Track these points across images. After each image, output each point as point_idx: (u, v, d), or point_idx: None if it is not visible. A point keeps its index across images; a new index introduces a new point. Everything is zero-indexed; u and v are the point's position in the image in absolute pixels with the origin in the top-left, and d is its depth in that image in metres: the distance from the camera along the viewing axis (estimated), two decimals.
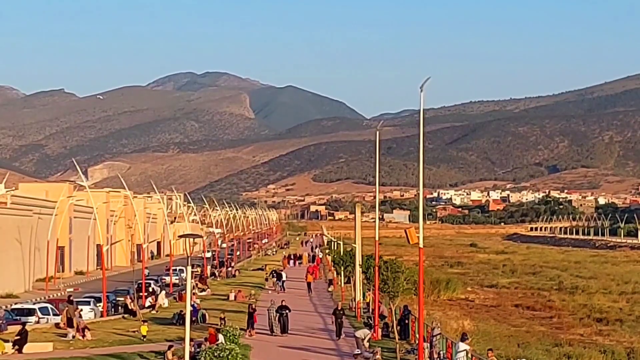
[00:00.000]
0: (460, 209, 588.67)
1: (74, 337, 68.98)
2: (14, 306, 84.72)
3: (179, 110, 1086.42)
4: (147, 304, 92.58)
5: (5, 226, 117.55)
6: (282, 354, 61.66)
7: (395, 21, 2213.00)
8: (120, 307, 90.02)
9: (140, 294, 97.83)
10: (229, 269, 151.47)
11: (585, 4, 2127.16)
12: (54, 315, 79.61)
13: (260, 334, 70.09)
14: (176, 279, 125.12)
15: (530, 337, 76.18)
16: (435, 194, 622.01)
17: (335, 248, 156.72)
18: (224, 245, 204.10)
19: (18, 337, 63.86)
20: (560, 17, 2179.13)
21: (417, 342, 58.19)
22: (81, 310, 77.59)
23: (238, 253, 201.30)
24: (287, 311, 71.01)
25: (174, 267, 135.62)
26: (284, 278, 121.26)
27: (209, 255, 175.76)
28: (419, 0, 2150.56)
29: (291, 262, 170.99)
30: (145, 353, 61.24)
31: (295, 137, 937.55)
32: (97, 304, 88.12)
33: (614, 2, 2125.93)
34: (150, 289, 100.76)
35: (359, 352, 45.10)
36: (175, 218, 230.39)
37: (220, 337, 59.76)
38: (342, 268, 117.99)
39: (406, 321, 69.42)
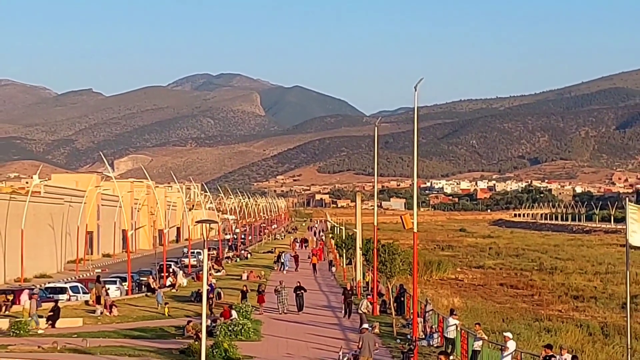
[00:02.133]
0: (450, 197, 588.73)
1: (101, 313, 69.08)
2: (47, 285, 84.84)
3: (196, 108, 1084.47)
4: (168, 283, 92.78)
5: (39, 213, 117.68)
6: (290, 328, 61.72)
7: (392, 26, 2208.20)
8: (143, 286, 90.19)
9: (162, 274, 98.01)
10: (242, 251, 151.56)
11: (564, 12, 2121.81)
12: (84, 293, 79.73)
13: (271, 311, 70.25)
14: (194, 261, 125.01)
15: (513, 313, 76.20)
16: (428, 184, 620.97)
17: (338, 233, 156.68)
18: (237, 230, 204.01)
19: (51, 313, 64.00)
20: (541, 23, 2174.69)
21: (411, 317, 58.33)
22: (108, 288, 77.76)
23: (250, 237, 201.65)
24: (303, 291, 71.19)
25: (192, 250, 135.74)
26: (285, 259, 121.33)
27: (228, 237, 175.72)
28: (415, 8, 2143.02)
29: (298, 245, 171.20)
30: (166, 327, 61.39)
31: (302, 133, 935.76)
32: (123, 283, 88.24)
33: (591, 10, 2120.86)
34: (171, 270, 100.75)
35: (367, 327, 44.88)
36: (193, 206, 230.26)
37: (234, 313, 59.89)
38: (344, 251, 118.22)
39: (402, 298, 69.58)
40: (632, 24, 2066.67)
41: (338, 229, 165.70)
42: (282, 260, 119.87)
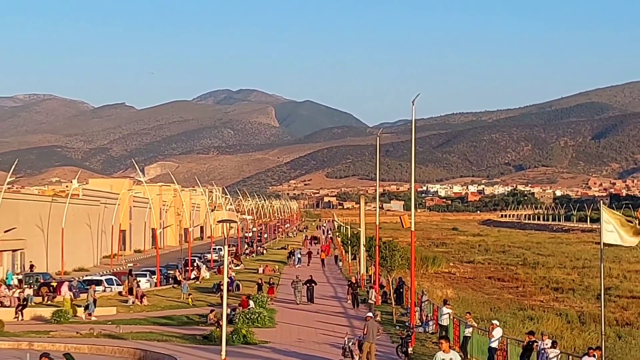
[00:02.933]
0: (444, 200, 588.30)
1: (133, 302, 69.25)
2: (84, 278, 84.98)
3: (217, 120, 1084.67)
4: (192, 276, 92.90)
5: (78, 213, 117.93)
6: (302, 316, 61.78)
7: (393, 48, 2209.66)
8: (170, 279, 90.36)
9: (187, 268, 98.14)
10: (258, 248, 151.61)
11: (545, 35, 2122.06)
12: (117, 285, 79.91)
13: (284, 301, 70.32)
14: (216, 256, 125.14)
15: (500, 302, 76.17)
16: (424, 188, 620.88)
17: (344, 231, 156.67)
18: (254, 229, 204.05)
19: (88, 303, 64.20)
20: (525, 45, 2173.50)
21: (409, 306, 58.34)
22: (139, 281, 78.07)
23: (265, 235, 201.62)
24: (314, 284, 71.34)
25: (213, 247, 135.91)
26: (296, 255, 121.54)
27: (249, 234, 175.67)
28: (413, 33, 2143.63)
29: (309, 242, 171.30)
30: (191, 315, 61.47)
31: (312, 142, 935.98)
32: (152, 276, 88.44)
33: (569, 33, 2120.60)
34: (195, 264, 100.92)
35: (371, 315, 45.01)
36: (214, 207, 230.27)
37: (252, 303, 59.94)
38: (349, 247, 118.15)
39: (401, 290, 69.54)
40: (606, 46, 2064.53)
41: (344, 228, 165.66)
42: (295, 256, 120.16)
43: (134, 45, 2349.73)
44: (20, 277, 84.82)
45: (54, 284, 74.45)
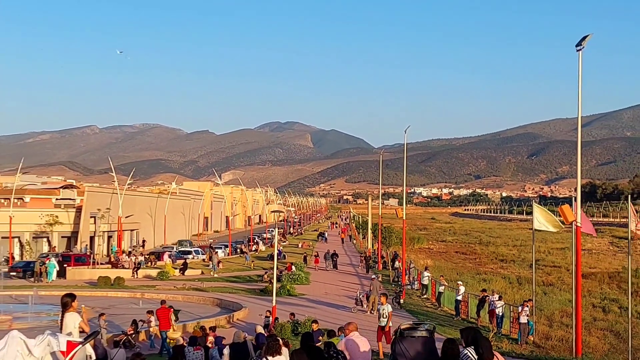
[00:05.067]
0: (426, 198, 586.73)
1: (214, 268, 69.54)
2: (180, 249, 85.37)
3: (271, 142, 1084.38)
4: (253, 248, 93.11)
5: (175, 205, 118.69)
6: (328, 277, 61.89)
7: (392, 93, 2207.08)
8: (238, 251, 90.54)
9: (250, 243, 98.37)
10: (298, 230, 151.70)
11: (497, 86, 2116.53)
12: (202, 254, 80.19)
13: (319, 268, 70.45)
14: (269, 235, 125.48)
15: (463, 269, 75.84)
16: (412, 190, 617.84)
17: (357, 219, 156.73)
18: (295, 217, 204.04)
19: (182, 267, 64.50)
20: (482, 93, 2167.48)
21: (401, 271, 58.36)
22: (217, 252, 78.27)
23: (302, 221, 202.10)
24: (337, 257, 71.54)
25: (268, 228, 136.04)
26: (326, 235, 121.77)
27: (292, 220, 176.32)
28: (408, 83, 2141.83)
29: (332, 226, 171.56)
30: (252, 276, 61.63)
31: (335, 158, 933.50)
32: (226, 249, 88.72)
33: (514, 84, 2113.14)
34: (255, 241, 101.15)
35: (374, 277, 45.43)
36: (269, 202, 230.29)
37: (294, 267, 60.09)
38: (361, 230, 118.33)
39: (395, 260, 69.61)
40: (538, 94, 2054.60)
41: (357, 217, 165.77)
42: (324, 236, 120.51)
43: (214, 89, 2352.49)
44: (131, 248, 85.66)
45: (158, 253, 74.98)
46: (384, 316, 29.41)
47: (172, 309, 30.56)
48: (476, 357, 9.83)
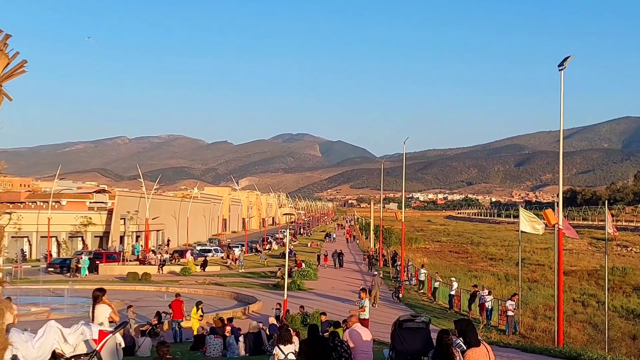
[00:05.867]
0: (422, 203, 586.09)
1: (230, 263, 69.52)
2: (200, 248, 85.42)
3: (283, 152, 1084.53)
4: (267, 247, 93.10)
5: (197, 209, 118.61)
6: (334, 274, 61.79)
7: (393, 106, 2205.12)
8: (253, 249, 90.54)
9: (264, 242, 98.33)
10: (307, 231, 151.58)
11: (488, 102, 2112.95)
12: (220, 252, 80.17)
13: (327, 266, 70.27)
14: (281, 235, 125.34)
15: (456, 266, 75.70)
16: (410, 195, 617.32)
17: (361, 221, 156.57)
18: (305, 219, 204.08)
19: (202, 263, 64.49)
20: (475, 109, 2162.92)
21: (400, 268, 58.24)
22: (234, 250, 78.27)
23: (311, 223, 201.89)
24: (342, 256, 71.45)
25: (280, 229, 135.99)
26: (334, 235, 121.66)
27: (302, 222, 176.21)
28: (407, 97, 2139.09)
29: (338, 227, 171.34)
30: (266, 272, 61.63)
31: (341, 167, 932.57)
32: (242, 247, 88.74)
33: (500, 101, 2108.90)
34: (269, 240, 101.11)
35: (376, 273, 45.46)
36: (281, 205, 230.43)
37: (303, 264, 60.07)
38: (364, 231, 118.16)
39: (395, 258, 69.53)
40: (523, 110, 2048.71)
41: (361, 219, 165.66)
42: (331, 236, 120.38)
43: (232, 103, 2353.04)
44: (157, 247, 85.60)
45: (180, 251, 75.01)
46: (362, 309, 29.50)
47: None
48: (465, 346, 9.98)
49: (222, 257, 75.84)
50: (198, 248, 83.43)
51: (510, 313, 34.21)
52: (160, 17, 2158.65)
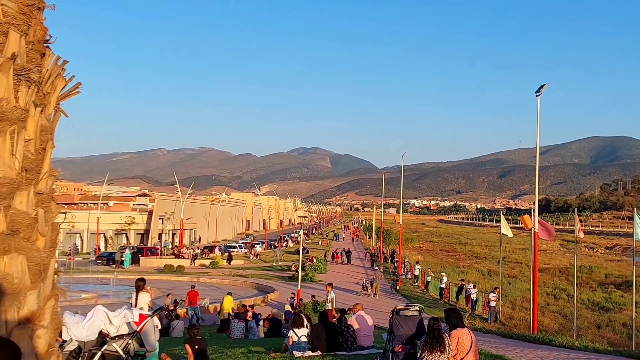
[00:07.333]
0: (418, 208, 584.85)
1: (252, 258, 69.47)
2: (227, 244, 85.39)
3: (299, 163, 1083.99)
4: (284, 244, 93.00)
5: (225, 211, 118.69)
6: (341, 268, 61.68)
7: (393, 124, 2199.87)
8: (272, 246, 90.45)
9: (281, 240, 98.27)
10: (319, 231, 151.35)
11: (477, 121, 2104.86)
12: (244, 248, 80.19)
13: (336, 262, 70.08)
14: (296, 235, 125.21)
15: (446, 264, 75.43)
16: (407, 202, 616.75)
17: (365, 223, 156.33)
18: (317, 221, 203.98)
19: (228, 257, 64.43)
20: (464, 126, 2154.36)
21: (397, 264, 58.05)
22: (256, 246, 78.25)
23: (322, 224, 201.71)
24: (350, 253, 71.20)
25: (295, 229, 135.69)
26: (342, 236, 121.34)
27: (314, 224, 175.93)
28: (404, 116, 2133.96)
29: (345, 228, 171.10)
30: (282, 265, 61.53)
31: (349, 176, 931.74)
32: (262, 244, 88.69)
33: (485, 121, 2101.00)
34: (285, 238, 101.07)
35: (377, 268, 45.39)
36: (296, 209, 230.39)
37: (315, 260, 59.94)
38: (367, 232, 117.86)
39: (394, 255, 69.31)
40: (505, 129, 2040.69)
41: (365, 221, 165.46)
42: (339, 236, 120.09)
43: (256, 120, 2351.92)
44: (191, 243, 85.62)
45: (210, 247, 74.97)
46: (328, 301, 29.01)
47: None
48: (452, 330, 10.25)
49: (246, 253, 75.81)
50: (240, 242, 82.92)
51: (492, 304, 34.09)
52: (197, 46, 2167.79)
